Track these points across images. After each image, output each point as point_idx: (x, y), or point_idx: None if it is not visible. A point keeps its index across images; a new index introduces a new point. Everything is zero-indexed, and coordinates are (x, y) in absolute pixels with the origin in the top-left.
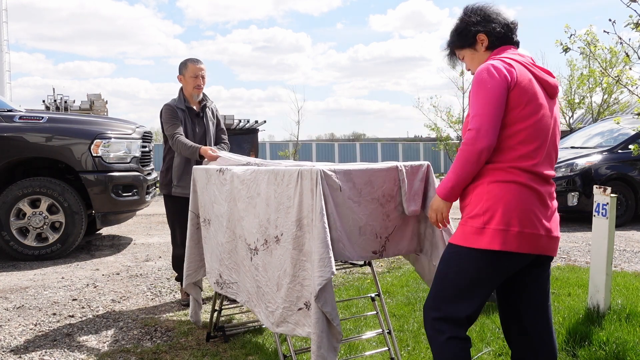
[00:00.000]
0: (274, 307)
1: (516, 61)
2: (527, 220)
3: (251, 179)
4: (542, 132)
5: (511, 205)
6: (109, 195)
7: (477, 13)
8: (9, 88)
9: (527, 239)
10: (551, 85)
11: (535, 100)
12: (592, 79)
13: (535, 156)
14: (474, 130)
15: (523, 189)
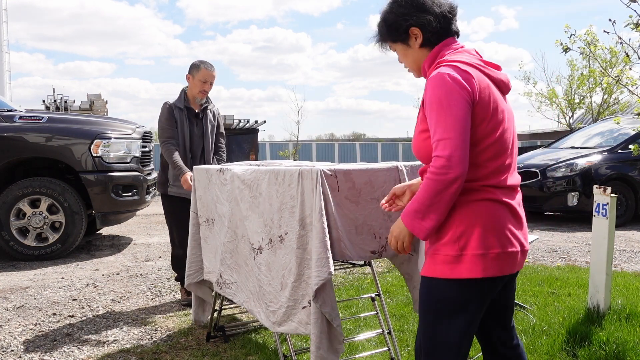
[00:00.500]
0: (277, 306)
1: (470, 65)
2: (505, 238)
3: (252, 178)
4: (508, 142)
5: (488, 226)
6: (109, 195)
7: (409, 1)
8: (9, 88)
9: (507, 259)
10: (505, 82)
11: (498, 109)
12: (592, 79)
13: (505, 169)
14: (444, 158)
15: (497, 206)
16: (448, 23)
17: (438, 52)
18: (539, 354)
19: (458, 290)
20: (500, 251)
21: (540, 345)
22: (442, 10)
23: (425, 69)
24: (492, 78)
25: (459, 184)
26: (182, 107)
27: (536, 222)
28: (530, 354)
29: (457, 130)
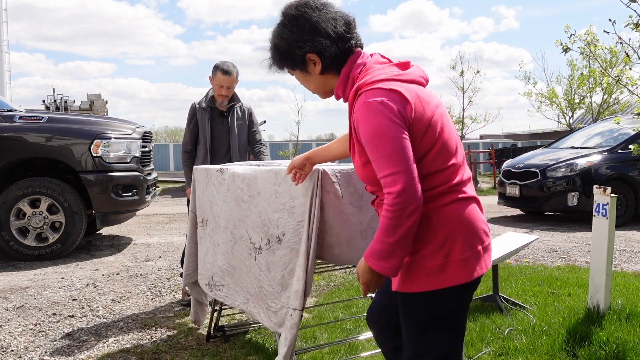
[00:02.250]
0: (278, 306)
1: (392, 80)
2: (483, 232)
3: (251, 178)
4: (452, 138)
5: (468, 226)
6: (109, 195)
7: (300, 24)
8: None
9: (487, 255)
10: (422, 77)
11: (432, 113)
12: (592, 79)
13: (459, 166)
14: (397, 193)
15: (469, 203)
16: (347, 42)
17: (348, 74)
18: (539, 354)
19: (448, 299)
20: (482, 247)
21: (540, 345)
22: (338, 31)
23: (339, 94)
24: (412, 81)
25: (417, 215)
26: (206, 107)
27: (536, 222)
28: (530, 354)
29: (401, 162)
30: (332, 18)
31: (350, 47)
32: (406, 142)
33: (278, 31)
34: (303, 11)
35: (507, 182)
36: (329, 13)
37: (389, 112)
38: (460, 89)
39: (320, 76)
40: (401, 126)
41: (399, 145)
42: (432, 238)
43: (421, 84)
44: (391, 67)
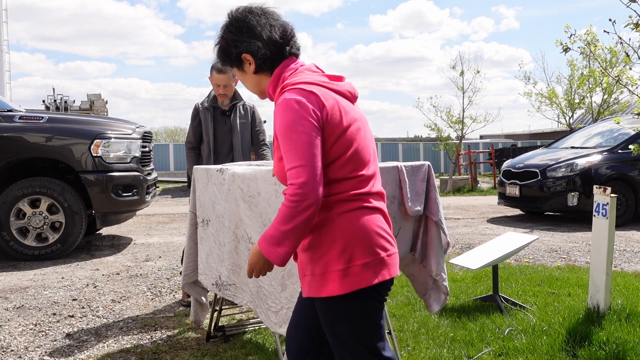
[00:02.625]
0: (278, 307)
1: (315, 84)
2: (387, 242)
3: (251, 178)
4: (366, 151)
5: (370, 232)
6: (109, 195)
7: (239, 26)
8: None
9: (392, 261)
10: (351, 92)
11: (350, 122)
12: (592, 79)
13: (369, 178)
14: (299, 185)
15: (372, 212)
16: (280, 48)
17: (279, 75)
18: (539, 354)
19: (356, 302)
20: (385, 255)
21: (540, 345)
22: (271, 36)
23: (270, 93)
24: (338, 92)
25: (313, 210)
26: (208, 107)
27: (536, 222)
28: (530, 354)
29: (307, 157)
30: (269, 25)
31: (284, 52)
32: (316, 141)
33: (221, 31)
34: (244, 15)
35: (507, 182)
36: (268, 20)
37: (303, 110)
38: (460, 89)
39: (254, 75)
40: (314, 125)
41: (308, 141)
42: (334, 243)
43: (347, 98)
44: (321, 75)
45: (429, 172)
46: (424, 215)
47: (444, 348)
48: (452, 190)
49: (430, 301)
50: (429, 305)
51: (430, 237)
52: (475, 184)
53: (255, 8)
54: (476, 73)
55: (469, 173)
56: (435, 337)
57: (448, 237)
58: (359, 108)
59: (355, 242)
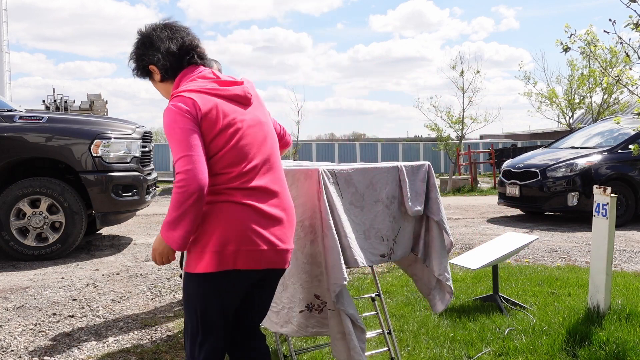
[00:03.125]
0: (279, 307)
1: (195, 91)
2: (245, 237)
3: None
4: (249, 149)
5: (227, 225)
6: (109, 195)
7: (144, 41)
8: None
9: (245, 255)
10: (242, 95)
11: (229, 124)
12: (592, 79)
13: (246, 174)
14: (183, 172)
15: (237, 207)
16: (178, 58)
17: (178, 83)
18: (539, 354)
19: (201, 284)
20: (237, 248)
21: (540, 345)
22: (169, 48)
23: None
24: (224, 96)
25: (197, 195)
26: None
27: (536, 222)
28: (530, 354)
29: (186, 149)
30: (168, 38)
31: (183, 62)
32: (194, 134)
33: (133, 47)
34: (149, 32)
35: (507, 182)
36: (168, 34)
37: (180, 111)
38: (460, 89)
39: (161, 84)
40: (191, 121)
41: (188, 134)
42: (200, 228)
43: (237, 101)
44: (210, 82)
45: (429, 172)
46: (425, 215)
47: (444, 348)
48: (452, 190)
49: (434, 301)
50: (434, 305)
51: (432, 237)
52: (475, 184)
53: (160, 24)
54: (476, 73)
55: (469, 173)
56: (435, 337)
57: (451, 236)
58: (257, 109)
59: (212, 232)
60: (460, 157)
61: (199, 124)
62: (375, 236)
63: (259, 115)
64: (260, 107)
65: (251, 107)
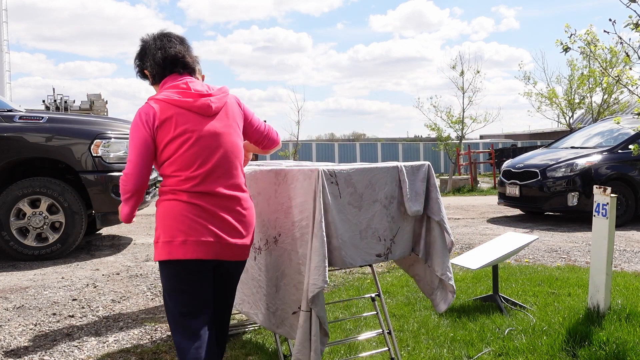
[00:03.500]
0: (275, 307)
1: (161, 100)
2: (192, 230)
3: (251, 178)
4: (198, 157)
5: (176, 220)
6: (109, 195)
7: (142, 49)
8: (9, 88)
9: (192, 246)
10: (206, 106)
11: (181, 133)
12: (592, 79)
13: (194, 179)
14: (124, 174)
15: (185, 205)
16: (163, 68)
17: (159, 89)
18: (539, 354)
19: (162, 271)
20: (185, 239)
21: (540, 345)
22: (156, 59)
23: None
24: (185, 107)
25: (130, 195)
26: None
27: (536, 222)
28: (530, 354)
29: (133, 154)
30: (157, 48)
31: (165, 71)
32: (142, 141)
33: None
34: (146, 41)
35: (507, 182)
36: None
37: (139, 119)
38: (460, 89)
39: (154, 86)
40: (144, 129)
41: (137, 142)
42: (156, 222)
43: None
44: (178, 93)
45: (429, 172)
46: (426, 215)
47: (444, 348)
48: (452, 190)
49: (437, 301)
50: (436, 304)
51: (433, 237)
52: (475, 184)
53: (157, 34)
54: (476, 73)
55: (469, 173)
56: (435, 337)
57: (451, 236)
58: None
59: (163, 225)
60: (460, 157)
61: (155, 131)
62: (372, 236)
63: (218, 126)
64: (226, 118)
65: (215, 118)
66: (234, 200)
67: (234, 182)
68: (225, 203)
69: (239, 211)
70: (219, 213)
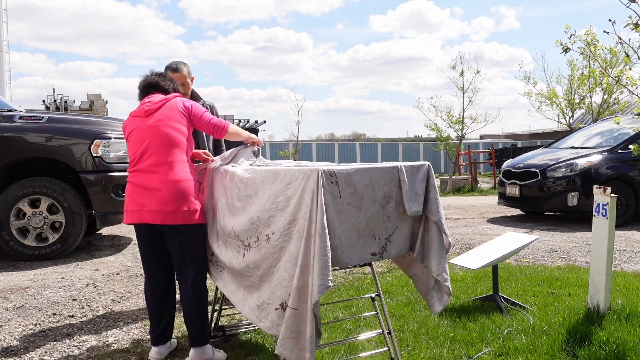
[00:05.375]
0: (260, 301)
1: (130, 114)
2: (129, 202)
3: (251, 177)
4: (133, 146)
5: (125, 195)
6: (109, 195)
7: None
8: (9, 88)
9: (129, 214)
10: (143, 111)
11: (130, 132)
12: (592, 79)
13: (132, 162)
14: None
15: (129, 184)
16: (142, 91)
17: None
18: (539, 354)
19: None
20: (127, 208)
21: (540, 345)
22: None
23: None
24: (134, 115)
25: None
26: None
27: (536, 222)
28: (530, 354)
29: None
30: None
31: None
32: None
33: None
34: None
35: (507, 182)
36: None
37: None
38: (460, 89)
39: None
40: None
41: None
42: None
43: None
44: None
45: (428, 172)
46: (424, 215)
47: (444, 348)
48: (452, 190)
49: (432, 301)
50: (431, 305)
51: (431, 238)
52: (475, 184)
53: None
54: (476, 73)
55: (469, 173)
56: (435, 337)
57: (449, 237)
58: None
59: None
60: (460, 157)
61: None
62: (368, 235)
63: (150, 122)
64: (159, 115)
65: (151, 118)
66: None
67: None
68: (149, 177)
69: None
70: (144, 185)
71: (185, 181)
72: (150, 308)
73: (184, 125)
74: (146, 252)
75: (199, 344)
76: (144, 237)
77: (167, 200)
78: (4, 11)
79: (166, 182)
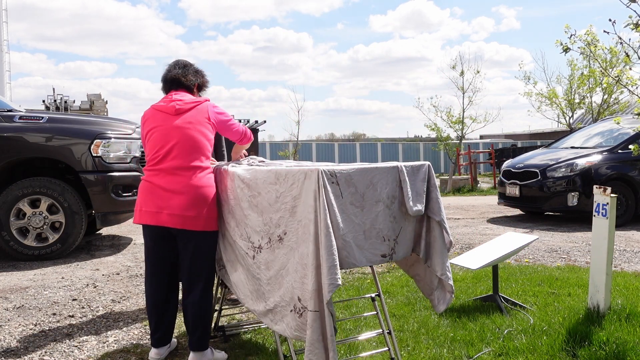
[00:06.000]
0: (273, 304)
1: (152, 107)
2: (144, 202)
3: (252, 178)
4: (155, 145)
5: (140, 194)
6: (109, 195)
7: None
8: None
9: (144, 214)
10: (170, 109)
11: (151, 128)
12: (592, 79)
13: (152, 160)
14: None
15: (146, 183)
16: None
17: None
18: (539, 354)
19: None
20: (141, 209)
21: (540, 345)
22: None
23: None
24: (158, 109)
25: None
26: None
27: (536, 222)
28: (530, 354)
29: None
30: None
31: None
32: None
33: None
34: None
35: (507, 182)
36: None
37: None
38: (460, 89)
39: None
40: (143, 126)
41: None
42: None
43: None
44: (160, 101)
45: (429, 172)
46: (426, 215)
47: (444, 348)
48: (452, 190)
49: (436, 301)
50: (435, 305)
51: (433, 237)
52: (475, 184)
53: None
54: (476, 73)
55: (469, 173)
56: (435, 337)
57: (450, 235)
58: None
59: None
60: (460, 157)
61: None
62: (376, 236)
63: (179, 123)
64: (189, 117)
65: (180, 118)
66: (177, 177)
67: (180, 164)
68: (170, 179)
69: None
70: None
71: (208, 187)
72: (151, 310)
73: (211, 132)
74: (154, 253)
75: (200, 349)
76: (154, 239)
77: (189, 205)
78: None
79: (190, 187)
